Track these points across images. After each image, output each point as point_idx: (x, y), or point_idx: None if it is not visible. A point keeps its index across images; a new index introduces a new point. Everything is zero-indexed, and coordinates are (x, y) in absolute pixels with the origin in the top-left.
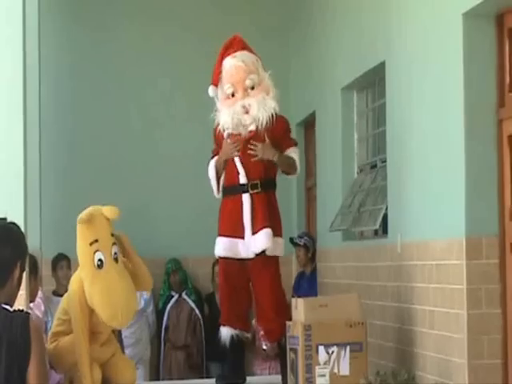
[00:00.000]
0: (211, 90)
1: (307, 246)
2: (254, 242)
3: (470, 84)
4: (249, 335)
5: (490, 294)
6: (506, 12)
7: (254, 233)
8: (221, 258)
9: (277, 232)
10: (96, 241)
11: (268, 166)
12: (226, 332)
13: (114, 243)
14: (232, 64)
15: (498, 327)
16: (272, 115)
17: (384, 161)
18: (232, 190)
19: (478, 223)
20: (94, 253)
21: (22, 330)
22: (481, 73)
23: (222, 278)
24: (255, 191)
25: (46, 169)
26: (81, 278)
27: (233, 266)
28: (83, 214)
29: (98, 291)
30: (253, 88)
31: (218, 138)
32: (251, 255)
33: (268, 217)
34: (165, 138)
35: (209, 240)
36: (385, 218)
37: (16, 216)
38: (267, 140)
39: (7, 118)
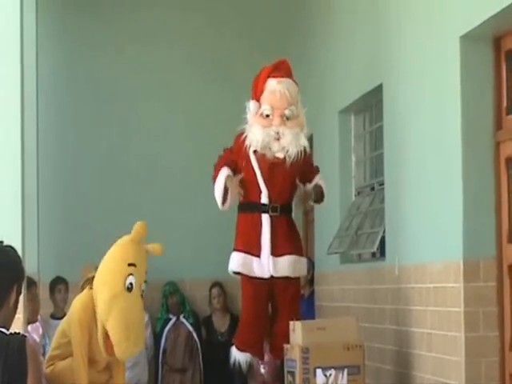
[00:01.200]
0: (253, 105)
1: (308, 267)
2: (274, 265)
3: (468, 107)
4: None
5: (488, 316)
6: (503, 35)
7: (275, 255)
8: (239, 274)
9: (300, 253)
10: (134, 265)
11: (290, 194)
12: (240, 356)
13: (145, 280)
14: (277, 89)
15: (496, 350)
16: (301, 152)
17: (382, 183)
18: (252, 208)
19: (475, 246)
20: (129, 275)
21: (18, 352)
22: (478, 95)
23: (249, 296)
24: (274, 214)
25: (44, 192)
26: (89, 296)
27: (256, 285)
28: (139, 233)
29: (120, 309)
30: (288, 119)
31: (240, 148)
32: (266, 275)
33: (291, 241)
34: (162, 159)
35: (206, 262)
36: (382, 240)
37: (14, 239)
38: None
39: (4, 138)
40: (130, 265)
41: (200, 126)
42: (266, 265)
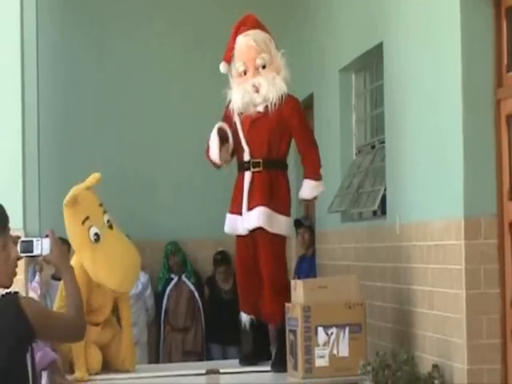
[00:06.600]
0: (222, 67)
1: (312, 228)
2: (248, 218)
3: (468, 64)
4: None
5: (489, 273)
6: None
7: (249, 209)
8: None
9: (279, 209)
10: (87, 218)
11: (272, 146)
12: (244, 317)
13: (104, 212)
14: (244, 42)
15: (497, 307)
16: (282, 96)
17: (382, 142)
18: (239, 167)
19: (476, 203)
20: (88, 229)
21: (15, 313)
22: (479, 53)
23: (237, 259)
24: (256, 169)
25: (45, 152)
26: (78, 261)
27: (242, 243)
28: (68, 198)
29: (103, 263)
30: (264, 67)
31: (228, 116)
32: (245, 231)
33: (265, 195)
34: (164, 121)
35: (208, 223)
36: (383, 198)
37: (15, 200)
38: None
39: (5, 101)
40: (83, 222)
41: (203, 92)
42: (243, 221)
